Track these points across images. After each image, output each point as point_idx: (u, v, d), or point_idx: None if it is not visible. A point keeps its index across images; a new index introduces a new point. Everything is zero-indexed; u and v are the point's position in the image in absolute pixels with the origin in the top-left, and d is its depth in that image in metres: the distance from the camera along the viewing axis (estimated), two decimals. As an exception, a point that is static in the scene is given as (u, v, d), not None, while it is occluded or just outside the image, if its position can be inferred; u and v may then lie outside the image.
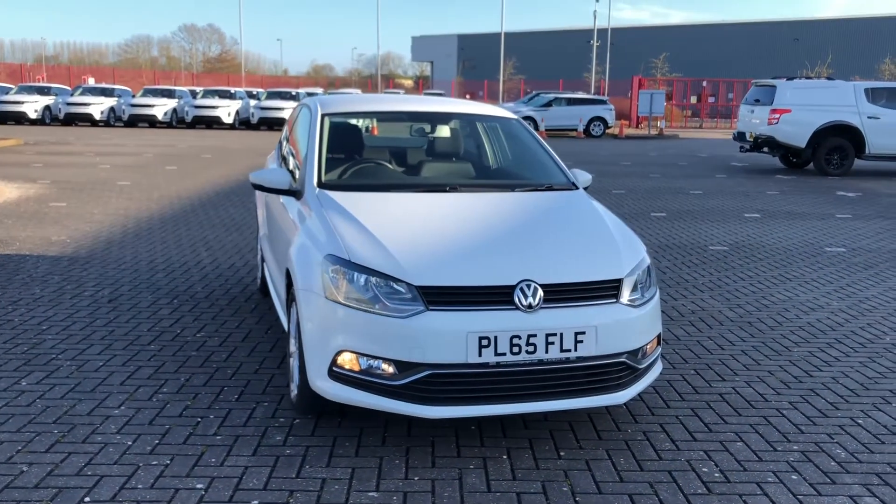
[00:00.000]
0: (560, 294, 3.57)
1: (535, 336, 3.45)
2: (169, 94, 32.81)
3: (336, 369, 3.55)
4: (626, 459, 3.61)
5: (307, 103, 5.48)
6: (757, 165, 19.06)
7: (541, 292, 3.52)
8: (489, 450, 3.65)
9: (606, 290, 3.69)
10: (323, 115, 5.00)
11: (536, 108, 30.78)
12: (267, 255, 5.62)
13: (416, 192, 4.50)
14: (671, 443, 3.80)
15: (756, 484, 3.42)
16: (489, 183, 4.97)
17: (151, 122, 30.62)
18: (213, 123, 30.98)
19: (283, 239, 4.52)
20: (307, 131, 4.98)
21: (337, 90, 45.26)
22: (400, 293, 3.48)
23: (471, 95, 50.85)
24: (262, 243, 6.09)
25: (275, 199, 5.08)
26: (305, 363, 3.68)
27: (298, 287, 3.78)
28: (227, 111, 31.11)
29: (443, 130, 5.74)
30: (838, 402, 4.37)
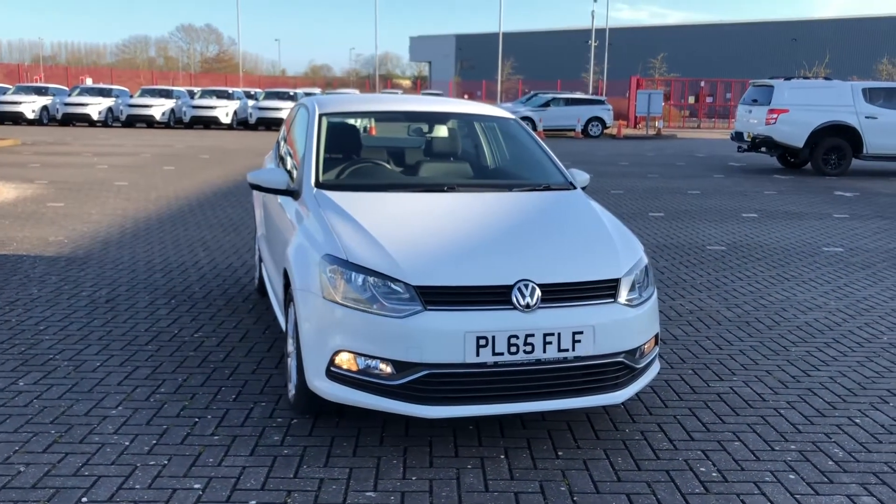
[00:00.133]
0: (558, 294, 3.57)
1: (532, 336, 3.45)
2: (167, 94, 32.79)
3: (334, 369, 3.55)
4: (624, 459, 3.61)
5: (305, 103, 5.47)
6: (755, 165, 19.08)
7: (538, 292, 3.52)
8: (487, 449, 3.65)
9: (604, 289, 3.69)
10: (321, 115, 5.00)
11: (534, 108, 30.78)
12: (265, 255, 5.62)
13: (413, 192, 4.50)
14: (669, 442, 3.80)
15: (754, 483, 3.42)
16: (487, 183, 4.97)
17: (149, 122, 30.61)
18: (210, 124, 30.98)
19: (281, 239, 4.52)
20: (305, 131, 4.98)
21: (335, 90, 45.23)
22: (398, 293, 3.48)
23: (469, 95, 50.87)
24: (259, 243, 6.09)
25: (272, 199, 5.08)
26: (303, 363, 3.68)
27: (296, 287, 3.78)
28: (224, 111, 31.10)
29: (440, 130, 5.73)
30: (836, 401, 4.37)
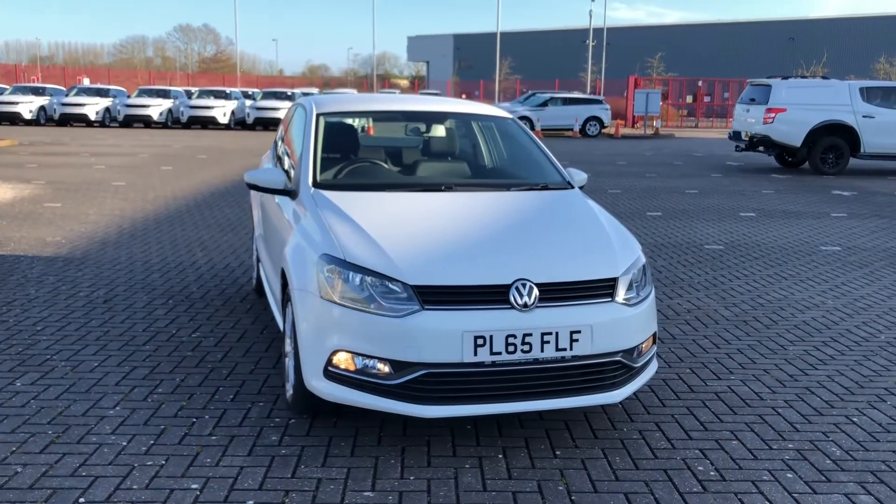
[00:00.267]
0: (555, 293, 3.57)
1: (530, 335, 3.45)
2: (164, 94, 32.79)
3: (331, 369, 3.55)
4: (622, 458, 3.61)
5: (302, 103, 5.47)
6: (752, 164, 19.09)
7: (536, 291, 3.52)
8: (485, 449, 3.65)
9: (602, 289, 3.69)
10: (318, 115, 4.99)
11: (532, 107, 30.79)
12: (262, 255, 5.61)
13: (411, 191, 4.50)
14: (667, 441, 3.80)
15: (751, 482, 3.42)
16: (485, 182, 4.97)
17: (147, 122, 30.59)
18: (208, 124, 30.96)
19: (279, 239, 4.51)
20: (302, 131, 4.97)
21: (332, 90, 45.22)
22: (395, 293, 3.48)
23: (467, 95, 50.86)
24: (257, 243, 6.08)
25: (270, 199, 5.07)
26: (301, 363, 3.68)
27: (294, 287, 3.77)
28: (222, 111, 31.08)
29: (438, 130, 5.73)
30: (833, 400, 4.38)
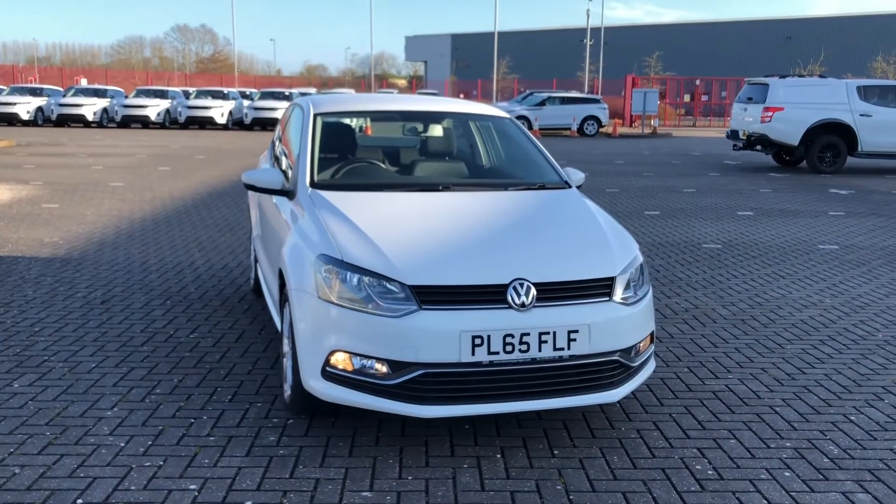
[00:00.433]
0: (553, 293, 3.57)
1: (528, 335, 3.45)
2: (162, 94, 32.76)
3: (329, 369, 3.55)
4: (620, 457, 3.61)
5: (300, 103, 5.47)
6: (750, 163, 19.11)
7: (534, 291, 3.52)
8: (483, 449, 3.65)
9: (599, 288, 3.69)
10: (315, 115, 4.99)
11: (530, 107, 30.79)
12: (260, 255, 5.61)
13: (409, 191, 4.50)
14: (665, 440, 3.80)
15: (749, 481, 3.42)
16: (482, 182, 4.97)
17: (144, 122, 30.58)
18: (206, 124, 30.95)
19: (276, 239, 4.51)
20: (300, 131, 4.97)
21: (330, 90, 45.21)
22: (393, 293, 3.48)
23: (465, 95, 50.89)
24: (255, 244, 6.07)
25: (267, 199, 5.07)
26: (299, 363, 3.68)
27: (291, 287, 3.77)
28: (220, 112, 31.07)
29: (436, 130, 5.73)
30: (831, 398, 4.38)
